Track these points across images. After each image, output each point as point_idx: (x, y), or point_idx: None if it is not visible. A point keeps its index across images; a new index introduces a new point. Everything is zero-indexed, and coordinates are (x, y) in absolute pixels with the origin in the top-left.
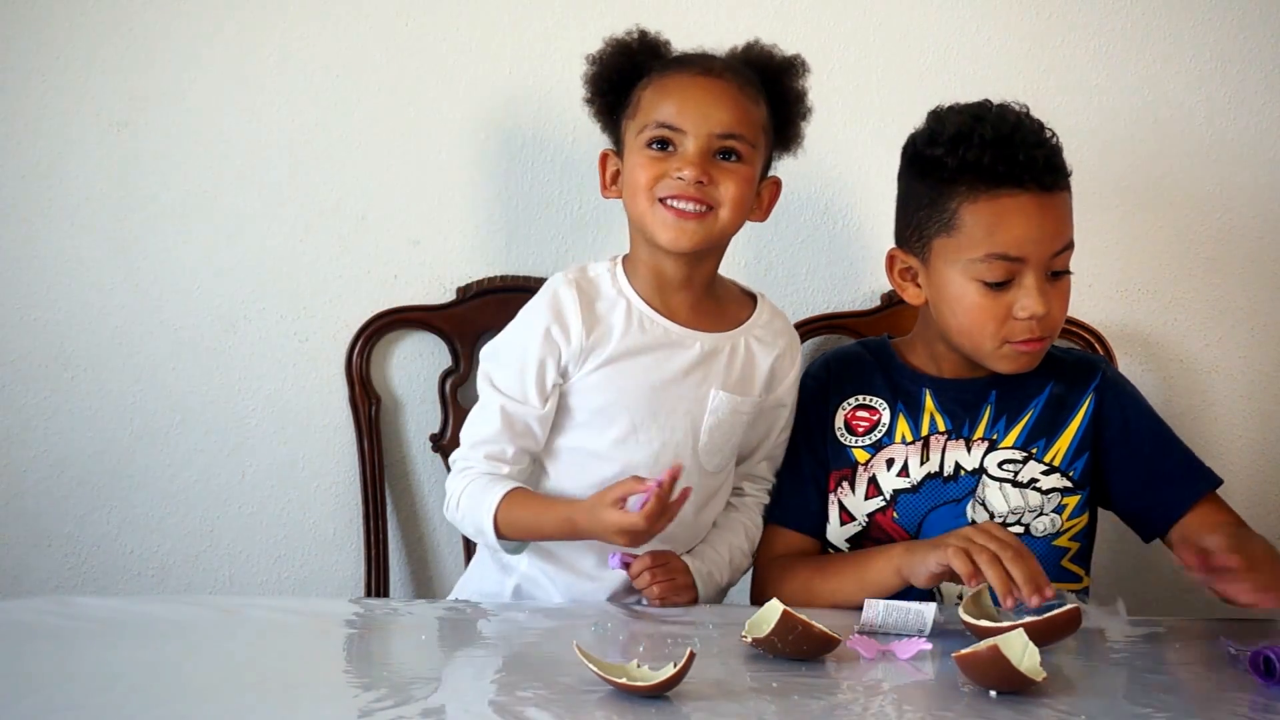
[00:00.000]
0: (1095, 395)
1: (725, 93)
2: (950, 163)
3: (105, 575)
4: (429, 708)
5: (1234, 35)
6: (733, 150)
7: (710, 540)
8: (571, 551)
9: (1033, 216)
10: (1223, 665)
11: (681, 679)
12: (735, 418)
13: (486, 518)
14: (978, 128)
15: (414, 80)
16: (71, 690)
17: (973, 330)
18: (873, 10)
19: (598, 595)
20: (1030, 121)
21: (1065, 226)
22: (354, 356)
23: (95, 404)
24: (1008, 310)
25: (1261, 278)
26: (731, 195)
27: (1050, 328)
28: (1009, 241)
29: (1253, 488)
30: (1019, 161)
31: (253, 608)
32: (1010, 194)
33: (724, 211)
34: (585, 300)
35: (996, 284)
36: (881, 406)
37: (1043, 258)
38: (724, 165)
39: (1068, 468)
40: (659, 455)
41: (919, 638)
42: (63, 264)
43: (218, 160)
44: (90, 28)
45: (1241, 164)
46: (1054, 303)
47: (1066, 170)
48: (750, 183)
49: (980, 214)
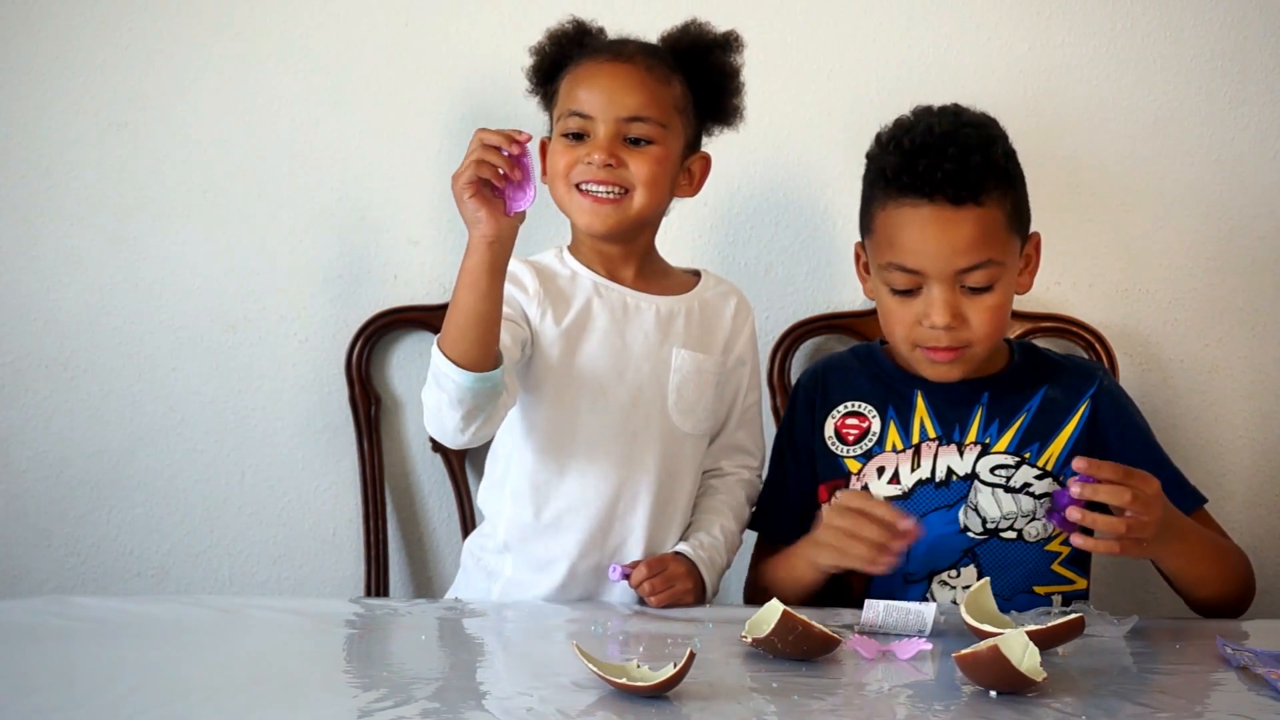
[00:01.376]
0: (1091, 402)
1: (631, 76)
2: (873, 166)
3: (105, 575)
4: (429, 708)
5: (1234, 35)
6: (642, 133)
7: (702, 525)
8: (557, 553)
9: (930, 230)
10: (1222, 665)
11: (681, 679)
12: (701, 376)
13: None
14: (903, 136)
15: (414, 80)
16: (71, 690)
17: (889, 331)
18: (872, 11)
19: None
20: (967, 133)
21: (976, 244)
22: (354, 356)
23: (95, 404)
24: (915, 318)
25: (1261, 278)
26: (643, 177)
27: (964, 339)
28: (906, 253)
29: (1253, 488)
30: (919, 172)
31: (253, 608)
32: (913, 204)
33: (638, 194)
34: (537, 270)
35: (904, 291)
36: (871, 414)
37: (944, 272)
38: (634, 149)
39: (1059, 472)
40: (629, 416)
41: (919, 638)
42: (63, 264)
43: (218, 160)
44: (90, 28)
45: (1241, 164)
46: (969, 316)
47: (988, 187)
48: (663, 162)
49: (887, 220)
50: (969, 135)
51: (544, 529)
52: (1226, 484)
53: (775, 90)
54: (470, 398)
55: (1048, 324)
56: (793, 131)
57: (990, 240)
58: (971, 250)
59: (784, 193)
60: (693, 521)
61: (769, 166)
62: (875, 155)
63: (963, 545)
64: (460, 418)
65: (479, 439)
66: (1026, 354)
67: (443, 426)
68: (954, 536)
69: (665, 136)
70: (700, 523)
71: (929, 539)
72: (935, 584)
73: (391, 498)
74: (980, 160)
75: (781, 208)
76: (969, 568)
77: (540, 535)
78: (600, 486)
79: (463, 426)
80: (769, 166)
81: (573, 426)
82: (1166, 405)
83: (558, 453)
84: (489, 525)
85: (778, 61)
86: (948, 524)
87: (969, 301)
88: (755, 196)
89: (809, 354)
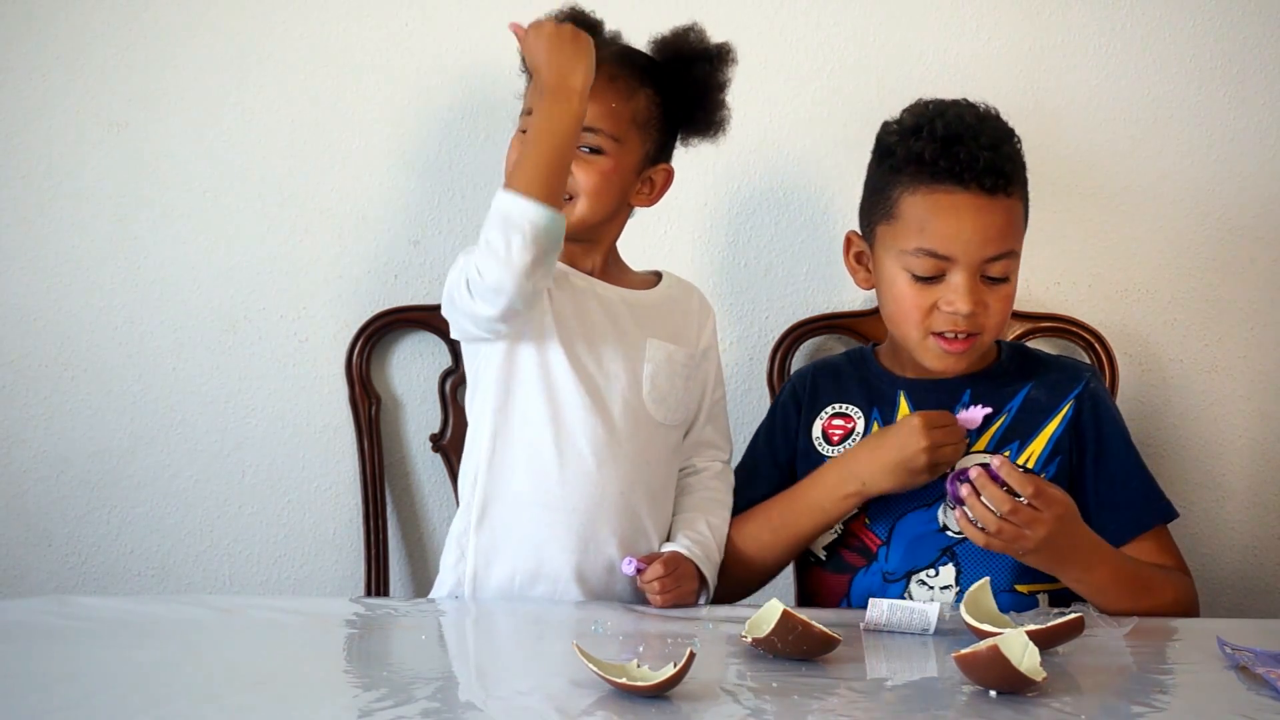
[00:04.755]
0: (1075, 403)
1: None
2: (900, 152)
3: (105, 575)
4: (429, 708)
5: (1234, 35)
6: (593, 143)
7: (688, 522)
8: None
9: (966, 217)
10: (1222, 665)
11: (681, 679)
12: (673, 367)
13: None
14: (933, 121)
15: (414, 80)
16: (71, 690)
17: (900, 318)
18: (872, 12)
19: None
20: (992, 125)
21: (1005, 234)
22: (354, 356)
23: (95, 404)
24: (933, 303)
25: (1261, 278)
26: (585, 186)
27: (978, 327)
28: (938, 238)
29: (1253, 488)
30: (960, 159)
31: (253, 608)
32: (948, 191)
33: (580, 202)
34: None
35: (926, 278)
36: (856, 415)
37: (973, 259)
38: (581, 157)
39: (1040, 470)
40: (606, 404)
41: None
42: (63, 264)
43: (218, 160)
44: (90, 28)
45: (1241, 164)
46: (988, 305)
47: (1016, 179)
48: (608, 175)
49: (917, 206)
50: (998, 126)
51: (518, 510)
52: (1226, 484)
53: (775, 90)
54: (545, 237)
55: (1047, 324)
56: (793, 131)
57: (1014, 231)
58: (1000, 239)
59: (784, 192)
60: (677, 520)
61: (769, 166)
62: (898, 142)
63: (941, 544)
64: (531, 260)
65: (537, 291)
66: (1013, 353)
67: (510, 268)
68: (933, 535)
69: (617, 150)
70: (686, 521)
71: (908, 537)
72: (914, 583)
73: (391, 498)
74: (1010, 151)
75: (781, 207)
76: (947, 567)
77: (515, 516)
78: (577, 469)
79: (530, 270)
80: (769, 166)
81: (549, 412)
82: (1166, 405)
83: (533, 437)
84: (461, 509)
85: (778, 61)
86: (926, 523)
87: (987, 290)
88: (755, 196)
89: (809, 354)
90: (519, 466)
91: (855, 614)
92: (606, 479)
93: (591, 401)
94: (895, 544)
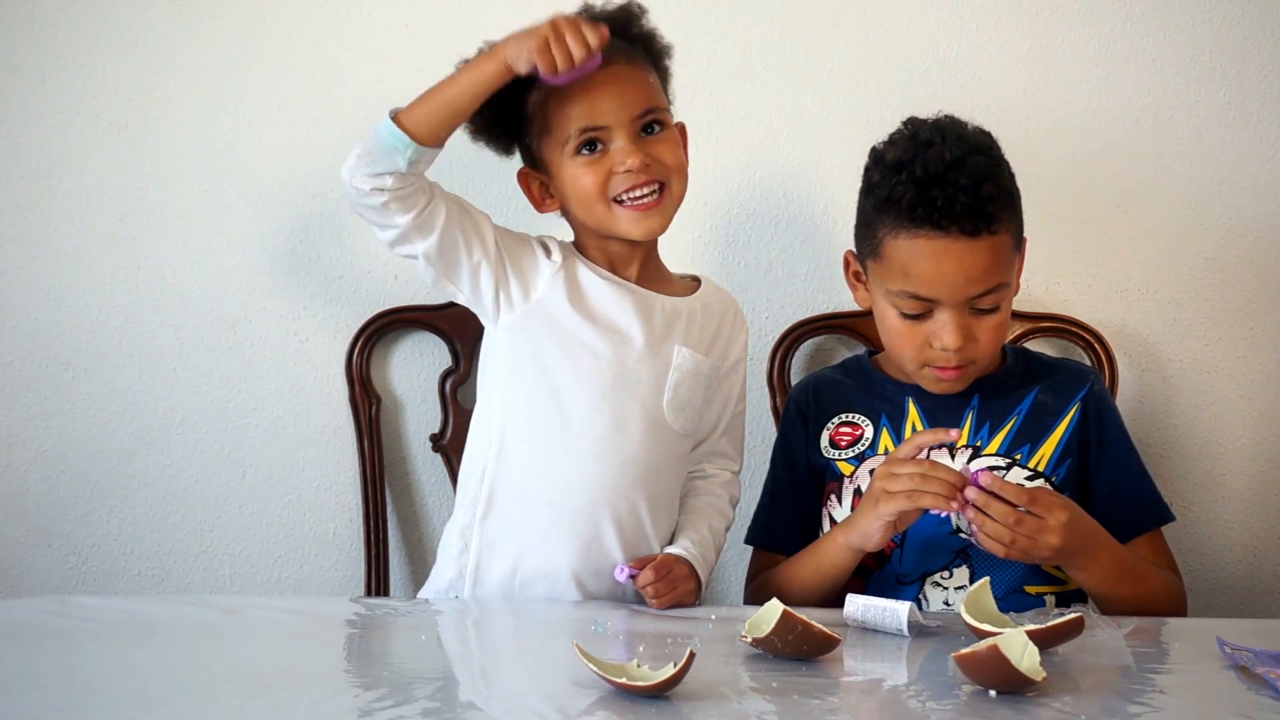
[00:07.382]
0: (1081, 405)
1: (626, 75)
2: (882, 191)
3: (105, 575)
4: (429, 708)
5: (1234, 35)
6: (653, 122)
7: (691, 524)
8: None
9: (947, 261)
10: (1222, 665)
11: (681, 679)
12: (697, 377)
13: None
14: (913, 162)
15: (413, 80)
16: (71, 690)
17: (895, 350)
18: (872, 11)
19: (556, 566)
20: (974, 161)
21: (989, 272)
22: (354, 356)
23: (95, 404)
24: (925, 339)
25: (1261, 277)
26: (673, 163)
27: (971, 357)
28: (921, 282)
29: (1253, 488)
30: (938, 205)
31: (253, 608)
32: (928, 236)
33: (674, 182)
34: (565, 250)
35: (914, 315)
36: (865, 423)
37: (958, 299)
38: (653, 138)
39: (1051, 473)
40: (625, 404)
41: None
42: (63, 264)
43: (218, 160)
44: (90, 28)
45: (1241, 164)
46: (977, 338)
47: (999, 216)
48: (679, 142)
49: (899, 250)
50: (979, 163)
51: (524, 506)
52: (1226, 484)
53: (775, 90)
54: (373, 137)
55: (1047, 324)
56: (793, 132)
57: (1001, 265)
58: (984, 278)
59: (784, 193)
60: (681, 521)
61: (769, 167)
62: (880, 181)
63: (955, 546)
64: (355, 156)
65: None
66: (1018, 357)
67: (345, 164)
68: (946, 538)
69: (668, 117)
70: (689, 523)
71: (921, 539)
72: (928, 585)
73: (391, 498)
74: (992, 190)
75: (781, 208)
76: (961, 568)
77: (520, 512)
78: (586, 469)
79: (354, 166)
80: (769, 167)
81: (564, 405)
82: (1166, 405)
83: (544, 430)
84: (465, 502)
85: (778, 61)
86: (939, 525)
87: (976, 322)
88: (755, 197)
89: (809, 354)
90: (527, 462)
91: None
92: (613, 481)
93: (605, 404)
94: (909, 546)
